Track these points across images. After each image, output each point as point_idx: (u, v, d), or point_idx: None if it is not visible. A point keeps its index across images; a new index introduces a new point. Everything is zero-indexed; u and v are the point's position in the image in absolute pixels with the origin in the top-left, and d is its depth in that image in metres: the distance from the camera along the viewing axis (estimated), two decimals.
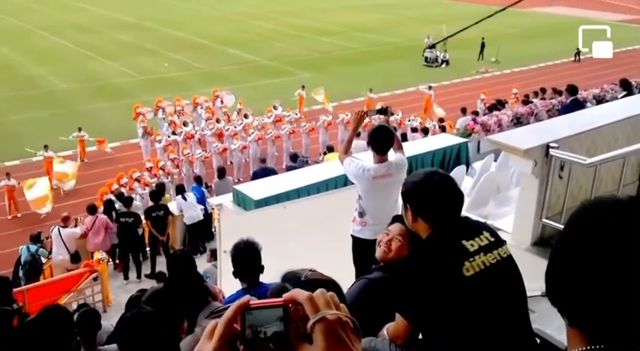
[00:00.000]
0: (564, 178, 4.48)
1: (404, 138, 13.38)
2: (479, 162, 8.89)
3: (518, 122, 11.66)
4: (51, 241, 10.97)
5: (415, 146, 9.27)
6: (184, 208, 11.83)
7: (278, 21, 41.63)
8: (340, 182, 7.21)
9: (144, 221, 11.25)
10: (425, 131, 15.78)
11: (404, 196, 2.49)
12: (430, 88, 22.90)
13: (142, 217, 11.27)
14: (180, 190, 12.38)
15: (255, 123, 18.09)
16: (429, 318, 2.25)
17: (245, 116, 18.49)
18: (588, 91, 14.59)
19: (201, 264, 7.54)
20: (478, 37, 30.48)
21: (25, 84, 25.92)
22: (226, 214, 7.43)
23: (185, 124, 17.55)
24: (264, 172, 12.21)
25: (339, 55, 32.53)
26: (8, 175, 14.81)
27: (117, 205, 11.85)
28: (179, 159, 16.09)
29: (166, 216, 11.27)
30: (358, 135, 10.03)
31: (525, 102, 15.10)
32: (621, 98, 9.26)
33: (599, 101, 13.19)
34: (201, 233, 12.20)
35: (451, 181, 2.44)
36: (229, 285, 5.16)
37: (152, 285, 7.67)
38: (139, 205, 12.60)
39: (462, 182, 7.68)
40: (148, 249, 11.56)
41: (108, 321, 5.26)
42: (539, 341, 2.97)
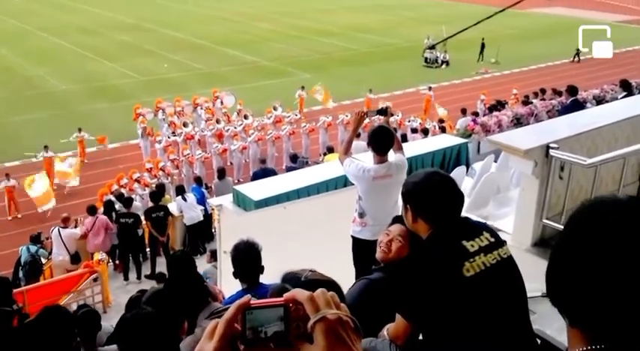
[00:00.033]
0: (564, 179, 4.48)
1: (404, 139, 13.37)
2: (479, 163, 8.87)
3: (518, 123, 11.64)
4: (51, 242, 10.97)
5: (415, 147, 9.27)
6: (184, 209, 11.84)
7: (278, 22, 41.65)
8: (340, 183, 7.21)
9: (144, 222, 11.26)
10: (425, 132, 15.78)
11: (404, 197, 2.49)
12: (430, 89, 22.91)
13: (142, 218, 11.28)
14: (180, 191, 12.40)
15: (255, 124, 18.09)
16: (429, 318, 2.25)
17: (245, 117, 18.50)
18: (588, 92, 14.58)
19: (201, 265, 7.53)
20: (478, 38, 30.52)
21: (25, 85, 25.94)
22: (226, 215, 7.44)
23: (185, 125, 17.56)
24: (264, 173, 12.21)
25: (340, 56, 32.54)
26: (8, 176, 14.81)
27: (117, 206, 11.86)
28: (179, 160, 16.10)
29: (166, 217, 11.27)
30: (358, 136, 10.01)
31: (525, 102, 15.10)
32: (621, 99, 9.25)
33: (599, 102, 13.17)
34: (201, 234, 12.20)
35: (451, 182, 2.44)
36: (229, 285, 5.16)
37: (152, 286, 7.67)
38: (139, 206, 12.60)
39: (462, 183, 7.67)
40: (148, 250, 11.56)
41: (108, 322, 5.26)
42: (539, 342, 2.96)
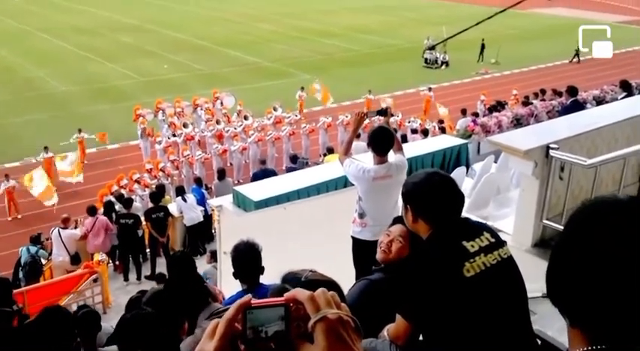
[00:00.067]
0: (565, 179, 4.48)
1: (404, 139, 13.37)
2: (479, 163, 8.87)
3: (518, 123, 11.63)
4: (51, 243, 10.97)
5: (415, 147, 9.27)
6: (184, 210, 11.84)
7: (280, 23, 41.67)
8: (340, 183, 7.21)
9: (144, 223, 11.26)
10: (425, 133, 15.78)
11: (404, 197, 2.49)
12: (430, 90, 22.91)
13: (142, 219, 11.28)
14: (180, 192, 12.40)
15: (255, 124, 18.09)
16: (430, 319, 2.25)
17: (245, 118, 18.50)
18: (588, 93, 14.58)
19: (201, 265, 7.54)
20: (478, 39, 30.53)
21: (25, 86, 25.95)
22: (226, 216, 7.43)
23: (185, 126, 17.57)
24: (264, 174, 12.21)
25: (341, 57, 32.55)
26: (7, 177, 14.82)
27: (117, 207, 11.86)
28: (179, 160, 16.10)
29: (166, 217, 11.26)
30: (358, 136, 10.01)
31: (525, 103, 15.09)
32: (621, 99, 9.25)
33: (599, 102, 13.16)
34: (201, 234, 12.20)
35: (451, 182, 2.44)
36: (229, 286, 5.16)
37: (152, 286, 7.67)
38: (139, 207, 12.59)
39: (462, 183, 7.66)
40: (148, 250, 11.56)
41: (108, 322, 5.26)
42: (540, 343, 2.96)
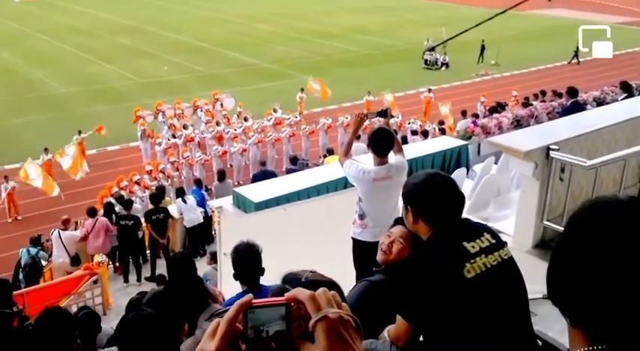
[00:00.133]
0: (565, 181, 4.48)
1: (404, 141, 13.38)
2: (479, 164, 8.88)
3: (518, 125, 11.64)
4: (51, 244, 10.95)
5: (415, 149, 9.28)
6: (184, 211, 11.83)
7: (279, 24, 41.67)
8: (340, 185, 7.22)
9: (144, 224, 11.25)
10: (425, 134, 15.79)
11: (405, 198, 2.49)
12: (430, 91, 22.92)
13: (142, 220, 11.27)
14: (180, 193, 12.40)
15: (255, 126, 18.08)
16: (430, 319, 2.25)
17: (245, 119, 18.51)
18: (588, 94, 14.60)
19: (201, 267, 7.54)
20: (478, 40, 30.52)
21: (25, 87, 25.96)
22: (226, 217, 7.44)
23: (185, 127, 17.57)
24: (264, 175, 12.21)
25: (340, 58, 32.54)
26: (7, 178, 14.82)
27: (117, 208, 11.84)
28: (179, 162, 16.10)
29: (166, 219, 11.26)
30: (358, 137, 10.02)
31: (525, 104, 15.09)
32: (621, 100, 9.24)
33: (599, 103, 13.16)
34: (201, 236, 12.19)
35: (452, 183, 2.44)
36: (229, 287, 5.16)
37: (152, 288, 7.66)
38: (139, 208, 12.59)
39: (463, 185, 7.66)
40: (148, 252, 11.55)
41: (108, 324, 5.25)
42: (540, 344, 2.96)
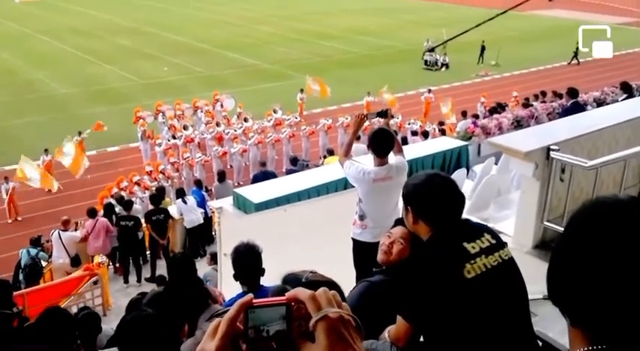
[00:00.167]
0: (565, 181, 4.48)
1: (404, 141, 13.37)
2: (479, 165, 8.88)
3: (518, 125, 11.64)
4: (51, 245, 10.95)
5: (415, 149, 9.29)
6: (184, 212, 11.83)
7: (279, 25, 41.68)
8: (340, 185, 7.22)
9: (144, 225, 11.25)
10: (425, 134, 15.79)
11: (405, 198, 2.49)
12: (430, 92, 22.94)
13: (142, 221, 11.27)
14: (180, 194, 12.40)
15: (255, 126, 18.08)
16: (431, 320, 2.24)
17: (245, 120, 18.51)
18: (589, 94, 14.59)
19: (201, 267, 7.53)
20: (478, 41, 30.49)
21: (26, 88, 25.97)
22: (226, 218, 7.44)
23: (185, 128, 17.57)
24: (264, 176, 12.21)
25: (340, 59, 32.54)
26: (7, 179, 14.83)
27: (117, 209, 11.84)
28: (179, 163, 16.09)
29: (166, 219, 11.26)
30: (358, 138, 10.01)
31: (526, 105, 15.08)
32: (622, 101, 9.24)
33: (599, 104, 13.16)
34: (201, 237, 12.19)
35: (452, 184, 2.44)
36: (230, 288, 5.16)
37: (152, 288, 7.66)
38: (139, 209, 12.59)
39: (463, 185, 7.66)
40: (148, 253, 11.55)
41: (108, 325, 5.25)
42: (541, 344, 2.95)
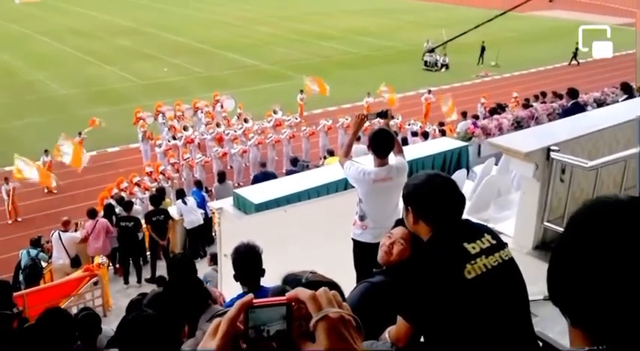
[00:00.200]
0: (565, 182, 4.48)
1: (404, 142, 13.36)
2: (479, 166, 8.88)
3: (518, 126, 11.66)
4: (51, 246, 10.95)
5: (415, 150, 9.30)
6: (184, 213, 11.82)
7: (278, 26, 41.68)
8: (340, 186, 7.22)
9: (144, 225, 11.24)
10: (425, 135, 15.78)
11: (405, 199, 2.49)
12: (430, 93, 22.94)
13: (142, 222, 11.27)
14: (180, 195, 12.39)
15: (255, 127, 18.06)
16: (431, 320, 2.24)
17: (245, 120, 18.49)
18: (589, 95, 14.59)
19: (201, 268, 7.52)
20: (478, 41, 30.45)
21: (26, 89, 25.95)
22: (227, 218, 7.44)
23: (185, 129, 17.56)
24: (264, 177, 12.21)
25: (340, 60, 32.53)
26: (7, 180, 14.83)
27: (117, 210, 11.83)
28: (179, 163, 16.08)
29: (166, 220, 11.26)
30: (358, 139, 10.02)
31: (526, 106, 15.07)
32: (622, 101, 9.24)
33: (599, 105, 13.17)
34: (201, 237, 12.18)
35: (453, 184, 2.44)
36: (230, 289, 5.16)
37: (152, 289, 7.65)
38: (139, 210, 12.57)
39: (463, 186, 7.66)
40: (149, 253, 11.55)
41: (108, 325, 5.24)
42: (541, 345, 2.95)
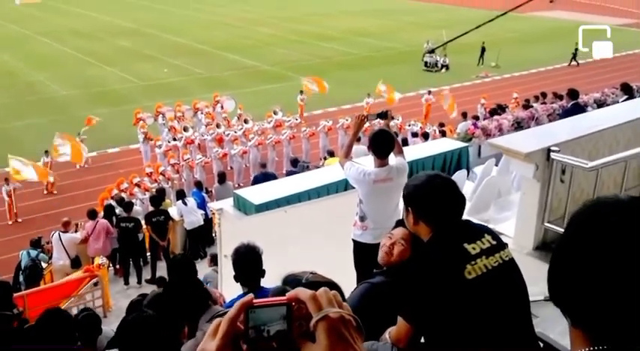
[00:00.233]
0: (566, 182, 4.47)
1: (404, 143, 13.36)
2: (480, 166, 8.87)
3: (518, 127, 11.65)
4: (51, 246, 10.95)
5: (416, 151, 9.29)
6: (185, 213, 11.82)
7: (279, 27, 41.71)
8: (341, 186, 7.23)
9: (144, 226, 11.25)
10: (425, 136, 15.78)
11: (405, 199, 2.48)
12: (430, 93, 22.95)
13: (143, 222, 11.27)
14: (180, 196, 12.38)
15: (255, 128, 18.08)
16: (431, 321, 2.24)
17: (245, 121, 18.50)
18: (589, 96, 14.58)
19: (201, 269, 7.52)
20: (478, 42, 30.47)
21: (26, 90, 25.97)
22: (227, 219, 7.43)
23: (185, 130, 17.56)
24: (264, 177, 12.21)
25: (340, 61, 32.55)
26: (7, 181, 14.83)
27: (117, 211, 11.83)
28: (179, 164, 16.09)
29: (167, 221, 11.26)
30: (358, 140, 10.02)
31: (526, 106, 15.06)
32: (622, 102, 9.23)
33: (599, 105, 13.17)
34: (201, 238, 12.18)
35: (453, 185, 2.43)
36: (230, 289, 5.16)
37: (153, 290, 7.65)
38: (140, 210, 12.57)
39: (463, 187, 7.66)
40: (149, 254, 11.55)
41: (108, 326, 5.24)
42: (542, 345, 2.95)
